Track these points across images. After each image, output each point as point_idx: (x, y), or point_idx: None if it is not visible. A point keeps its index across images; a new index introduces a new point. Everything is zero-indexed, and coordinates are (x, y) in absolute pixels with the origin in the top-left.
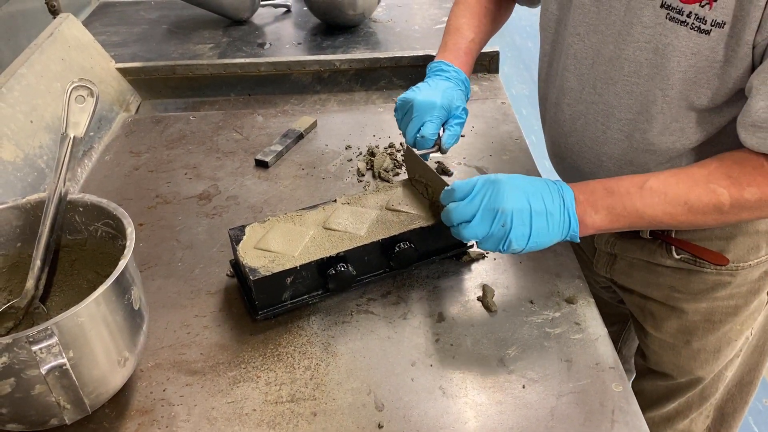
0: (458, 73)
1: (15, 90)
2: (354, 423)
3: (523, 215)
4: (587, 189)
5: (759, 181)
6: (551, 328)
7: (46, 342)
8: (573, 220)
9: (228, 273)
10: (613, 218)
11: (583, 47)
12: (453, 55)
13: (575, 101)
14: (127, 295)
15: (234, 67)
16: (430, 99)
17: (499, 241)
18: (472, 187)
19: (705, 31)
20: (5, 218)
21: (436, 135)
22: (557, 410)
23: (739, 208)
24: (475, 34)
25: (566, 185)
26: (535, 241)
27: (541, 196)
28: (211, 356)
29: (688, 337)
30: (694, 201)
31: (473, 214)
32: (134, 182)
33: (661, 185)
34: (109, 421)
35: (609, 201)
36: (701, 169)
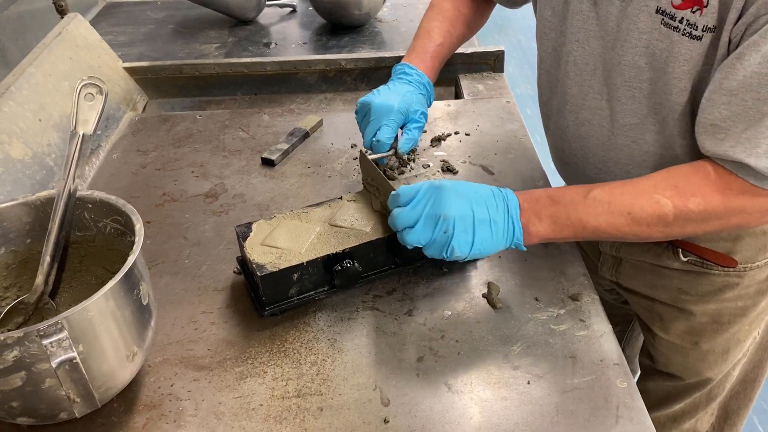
0: (421, 76)
1: (24, 89)
2: (360, 418)
3: (465, 222)
4: (532, 197)
5: (705, 191)
6: (556, 324)
7: (56, 336)
8: (517, 228)
9: (235, 270)
10: (556, 227)
11: (583, 54)
12: (419, 59)
13: (578, 107)
14: (136, 291)
15: (240, 66)
16: (387, 103)
17: (442, 248)
18: (416, 193)
19: (697, 37)
20: (15, 215)
21: (391, 139)
22: (562, 406)
23: (684, 220)
24: (444, 38)
25: (512, 193)
26: (478, 249)
27: (485, 203)
28: (219, 352)
29: (697, 338)
30: (638, 211)
31: (416, 220)
32: (141, 180)
33: (606, 195)
34: (117, 416)
35: (553, 210)
36: (648, 180)
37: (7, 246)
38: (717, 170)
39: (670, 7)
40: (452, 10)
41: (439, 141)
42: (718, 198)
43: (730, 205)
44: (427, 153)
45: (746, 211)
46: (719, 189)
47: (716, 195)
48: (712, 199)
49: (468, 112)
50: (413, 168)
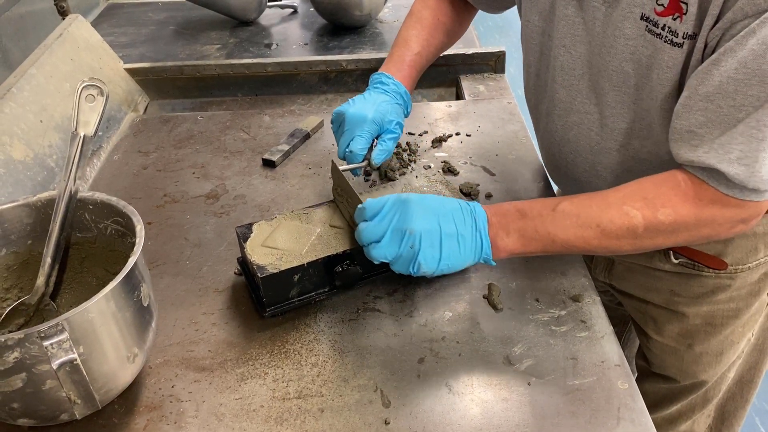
0: (398, 86)
1: (25, 90)
2: (361, 419)
3: (432, 237)
4: (500, 211)
5: (674, 201)
6: (557, 326)
7: (57, 337)
8: (485, 243)
9: (236, 271)
10: (525, 241)
11: (570, 59)
12: (396, 68)
13: (566, 112)
14: (137, 292)
15: (241, 67)
16: (361, 113)
17: (408, 263)
18: (382, 207)
19: (678, 44)
20: (16, 216)
21: (365, 150)
22: (563, 407)
23: (654, 232)
24: (422, 47)
25: (479, 206)
26: (446, 264)
27: (453, 217)
28: (219, 353)
29: (690, 340)
30: (607, 224)
31: (382, 235)
32: (142, 181)
33: (574, 208)
34: (118, 417)
35: (521, 224)
36: (617, 192)
37: (8, 247)
38: (687, 180)
39: (654, 14)
40: (431, 18)
41: (440, 142)
42: (688, 208)
43: (700, 215)
44: (428, 154)
45: (716, 222)
46: (689, 199)
47: (686, 205)
48: (682, 209)
49: (469, 113)
50: (414, 169)
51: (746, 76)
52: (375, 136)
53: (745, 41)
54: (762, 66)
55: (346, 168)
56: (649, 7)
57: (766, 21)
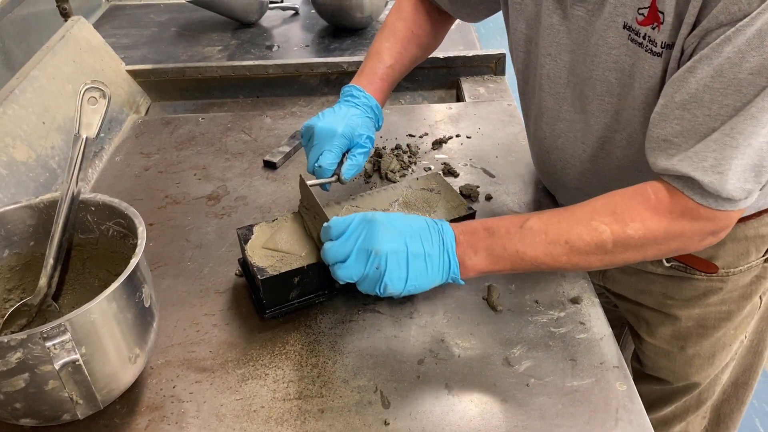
0: (368, 99)
1: (27, 92)
2: (361, 420)
3: (399, 257)
4: (468, 229)
5: (644, 215)
6: (556, 327)
7: (59, 338)
8: (453, 262)
9: (236, 272)
10: (493, 260)
11: (556, 67)
12: (367, 81)
13: (554, 119)
14: (138, 293)
15: (242, 69)
16: (331, 127)
17: (375, 284)
18: (347, 226)
19: (657, 53)
20: (19, 217)
21: (334, 165)
22: (562, 409)
23: (623, 247)
24: (395, 60)
25: (447, 225)
26: (413, 284)
27: (420, 237)
28: (220, 354)
29: (683, 343)
30: (575, 240)
31: (347, 255)
32: (144, 183)
33: (542, 225)
34: (120, 417)
35: (489, 242)
36: (586, 207)
37: (10, 248)
38: (657, 193)
39: (635, 23)
40: (404, 30)
41: (440, 144)
42: (657, 222)
43: (669, 229)
44: (428, 156)
45: (685, 235)
46: (659, 213)
47: (656, 219)
48: (652, 223)
49: (469, 115)
50: (414, 171)
51: (722, 85)
52: (345, 150)
53: (720, 48)
54: (738, 75)
55: (315, 183)
56: (631, 16)
57: (741, 29)
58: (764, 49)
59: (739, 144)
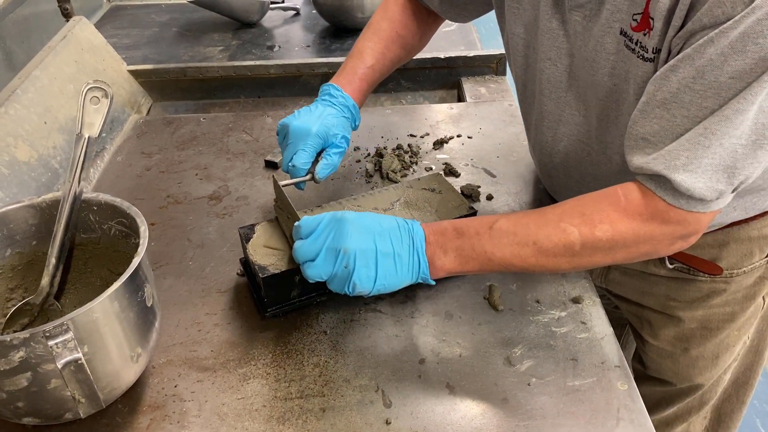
0: (346, 99)
1: (29, 92)
2: (362, 419)
3: (367, 256)
4: (438, 230)
5: (613, 217)
6: (557, 327)
7: (61, 337)
8: (423, 262)
9: (238, 272)
10: (462, 260)
11: (556, 71)
12: (346, 80)
13: (555, 123)
14: (140, 293)
15: (244, 69)
16: (305, 126)
17: (343, 283)
18: (317, 225)
19: (648, 59)
20: (21, 217)
21: (308, 164)
22: (563, 408)
23: (592, 249)
24: (377, 60)
25: (418, 225)
26: (382, 284)
27: (389, 236)
28: (222, 353)
29: (686, 344)
30: (543, 241)
31: (317, 253)
32: (146, 182)
33: (511, 225)
34: (122, 416)
35: (458, 242)
36: (556, 209)
37: (12, 248)
38: (628, 195)
39: (630, 29)
40: (389, 30)
41: (441, 144)
42: (626, 224)
43: (638, 231)
44: (429, 156)
45: (655, 238)
46: (629, 215)
47: (625, 221)
48: (621, 225)
49: (470, 115)
50: (416, 171)
51: (703, 87)
52: (319, 150)
53: (703, 49)
54: (719, 78)
55: (289, 182)
56: (626, 22)
57: (724, 31)
58: (747, 54)
59: (711, 144)
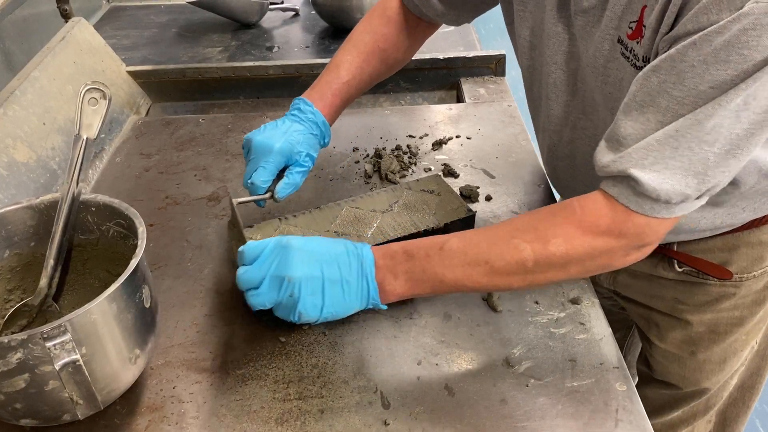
0: (315, 115)
1: (28, 93)
2: (361, 420)
3: (313, 284)
4: (388, 253)
5: (567, 231)
6: (556, 328)
7: (59, 338)
8: (372, 288)
9: None
10: (413, 284)
11: (563, 75)
12: (318, 95)
13: (562, 126)
14: (139, 294)
15: (243, 70)
16: (268, 142)
17: (289, 311)
18: (261, 251)
19: (639, 67)
20: (19, 218)
21: (267, 182)
22: (561, 409)
23: (546, 265)
24: (353, 75)
25: (368, 249)
26: (329, 311)
27: (337, 262)
28: (220, 355)
29: (693, 348)
30: (495, 259)
31: (260, 281)
32: (144, 183)
33: (462, 245)
34: (120, 418)
35: (408, 265)
36: (508, 225)
37: (11, 249)
38: (584, 208)
39: (626, 37)
40: (370, 44)
41: (440, 145)
42: (581, 239)
43: (594, 245)
44: (428, 156)
45: (612, 251)
46: (583, 229)
47: (579, 236)
48: (575, 241)
49: (469, 116)
50: (414, 172)
51: (682, 94)
52: (281, 167)
53: (685, 52)
54: (698, 87)
55: (247, 200)
56: (623, 29)
57: (708, 36)
58: (729, 64)
59: (680, 146)
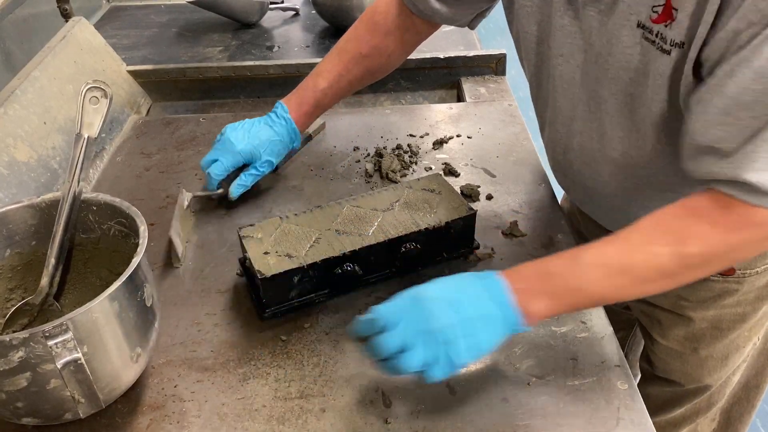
0: (287, 122)
1: (29, 92)
2: (362, 419)
3: (464, 327)
4: (520, 277)
5: (701, 231)
6: (557, 326)
7: (61, 337)
8: (516, 314)
9: (238, 272)
10: (557, 302)
11: (569, 68)
12: (296, 103)
13: (569, 120)
14: (140, 293)
15: (243, 69)
16: (233, 140)
17: (445, 363)
18: (395, 313)
19: (666, 51)
20: (21, 217)
21: (220, 176)
22: (563, 408)
23: (687, 267)
24: (330, 84)
25: (496, 277)
26: (485, 348)
27: (475, 299)
28: (222, 353)
29: (696, 344)
30: (636, 268)
31: (405, 342)
32: (145, 183)
33: (598, 257)
34: (121, 416)
35: (548, 285)
36: (637, 232)
37: (12, 248)
38: (709, 205)
39: (649, 21)
40: (352, 51)
41: (440, 144)
42: (716, 236)
43: (729, 240)
44: (429, 156)
45: (747, 242)
46: (716, 226)
47: (713, 233)
48: (711, 239)
49: (470, 115)
50: (415, 171)
51: (764, 86)
52: (239, 165)
53: (760, 49)
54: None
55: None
56: (644, 14)
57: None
58: None
59: None
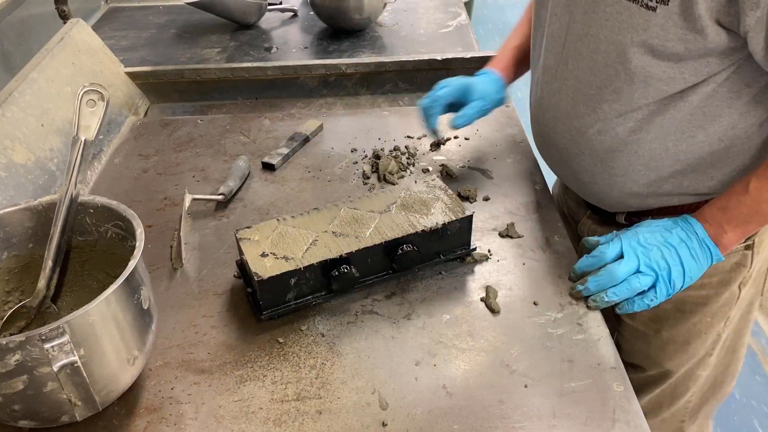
0: (489, 73)
1: (26, 94)
2: (359, 421)
3: (672, 256)
4: (707, 215)
5: None
6: (553, 328)
7: (58, 340)
8: (713, 248)
9: (235, 274)
10: (743, 228)
11: (559, 27)
12: (496, 60)
13: (551, 78)
14: (137, 295)
15: (241, 71)
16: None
17: (665, 284)
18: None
19: (651, 8)
20: (18, 219)
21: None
22: (559, 410)
23: None
24: (521, 41)
25: (692, 220)
26: (689, 277)
27: (681, 238)
28: (218, 355)
29: (659, 325)
30: None
31: (635, 269)
32: (143, 185)
33: (763, 182)
34: (118, 419)
35: (730, 216)
36: None
37: (9, 250)
38: None
39: None
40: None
41: (438, 145)
42: None
43: None
44: (426, 157)
45: None
46: None
47: None
48: None
49: None
50: (413, 172)
51: None
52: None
53: None
54: None
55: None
56: None
57: None
58: None
59: None
